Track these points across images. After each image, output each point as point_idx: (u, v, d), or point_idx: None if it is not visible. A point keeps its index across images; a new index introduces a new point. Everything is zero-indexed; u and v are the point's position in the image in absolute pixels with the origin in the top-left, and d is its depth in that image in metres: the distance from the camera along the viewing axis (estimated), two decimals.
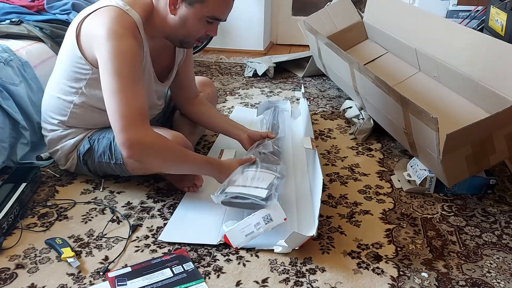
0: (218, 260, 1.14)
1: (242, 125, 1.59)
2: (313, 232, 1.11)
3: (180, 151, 1.25)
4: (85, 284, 1.05)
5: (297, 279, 1.08)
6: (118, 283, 1.04)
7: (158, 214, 1.32)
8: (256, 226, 1.16)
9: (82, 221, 1.28)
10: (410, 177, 1.47)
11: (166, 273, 1.08)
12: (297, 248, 1.16)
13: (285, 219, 1.18)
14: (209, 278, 1.08)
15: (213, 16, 1.26)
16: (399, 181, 1.51)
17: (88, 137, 1.38)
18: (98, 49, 1.19)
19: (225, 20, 1.31)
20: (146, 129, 1.17)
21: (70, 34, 1.29)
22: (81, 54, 1.26)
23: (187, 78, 1.57)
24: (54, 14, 2.08)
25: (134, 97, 1.16)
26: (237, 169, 1.32)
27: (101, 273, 1.08)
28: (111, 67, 1.16)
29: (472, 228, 1.28)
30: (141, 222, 1.28)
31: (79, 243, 1.19)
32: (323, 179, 1.22)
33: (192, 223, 1.27)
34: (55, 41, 1.89)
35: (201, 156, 1.33)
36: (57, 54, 1.82)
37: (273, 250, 1.16)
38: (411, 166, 1.50)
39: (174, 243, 1.19)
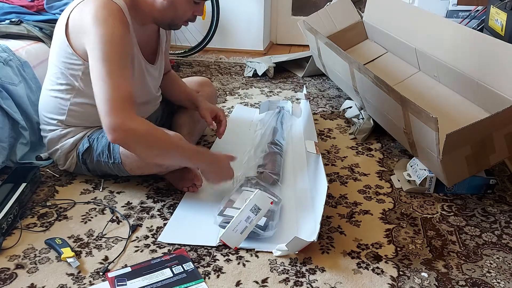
0: (218, 260, 1.14)
1: (201, 97, 1.60)
2: (313, 237, 1.11)
3: (167, 137, 1.22)
4: (84, 284, 1.05)
5: (297, 279, 1.08)
6: (118, 283, 1.04)
7: (158, 214, 1.32)
8: (248, 221, 1.17)
9: (81, 221, 1.28)
10: (410, 177, 1.47)
11: (166, 273, 1.08)
12: (296, 252, 1.16)
13: (271, 203, 1.19)
14: (209, 278, 1.08)
15: None
16: (399, 181, 1.50)
17: (88, 136, 1.38)
18: (86, 38, 1.20)
19: None
20: (132, 114, 1.16)
21: (59, 31, 1.30)
22: (72, 50, 1.27)
23: (165, 59, 1.59)
24: (54, 14, 2.08)
25: (121, 82, 1.16)
26: (235, 187, 1.34)
27: (101, 273, 1.08)
28: (98, 52, 1.16)
29: (472, 228, 1.28)
30: (141, 222, 1.28)
31: (79, 243, 1.19)
32: (328, 187, 1.21)
33: (191, 224, 1.27)
34: None
35: (190, 145, 1.30)
36: None
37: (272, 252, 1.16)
38: (411, 166, 1.49)
39: (174, 243, 1.19)
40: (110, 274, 1.07)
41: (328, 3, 2.56)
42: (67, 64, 1.30)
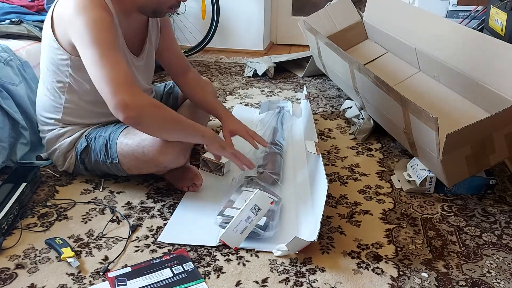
0: (218, 260, 1.14)
1: (230, 114, 1.56)
2: (314, 237, 1.11)
3: (173, 112, 1.24)
4: (85, 284, 1.05)
5: (297, 279, 1.08)
6: (118, 283, 1.04)
7: (158, 214, 1.32)
8: (248, 221, 1.17)
9: (82, 221, 1.28)
10: (410, 177, 1.47)
11: (166, 273, 1.08)
12: (297, 252, 1.16)
13: (271, 203, 1.19)
14: (209, 278, 1.08)
15: None
16: (399, 181, 1.50)
17: (86, 136, 1.38)
18: (71, 29, 1.20)
19: None
20: (138, 90, 1.16)
21: (45, 28, 1.31)
22: (58, 44, 1.27)
23: (172, 55, 1.56)
24: None
25: (117, 62, 1.16)
26: (235, 188, 1.34)
27: (101, 273, 1.08)
28: (87, 38, 1.16)
29: (472, 228, 1.28)
30: (141, 222, 1.28)
31: (79, 243, 1.19)
32: (328, 187, 1.20)
33: (191, 224, 1.27)
34: None
35: (191, 121, 1.30)
36: None
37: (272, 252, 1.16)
38: (411, 166, 1.49)
39: (174, 243, 1.19)
40: (110, 274, 1.07)
41: (328, 3, 2.56)
42: (55, 60, 1.31)
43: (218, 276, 1.09)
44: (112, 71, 1.14)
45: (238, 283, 1.07)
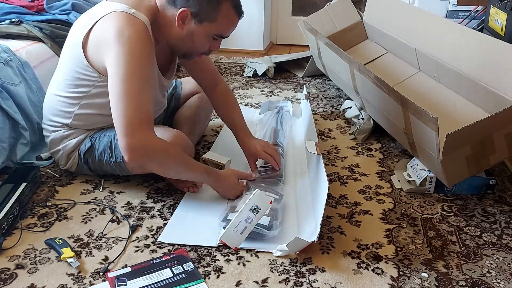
0: (218, 260, 1.14)
1: (248, 134, 1.55)
2: (314, 238, 1.11)
3: (182, 158, 1.25)
4: (85, 284, 1.05)
5: (297, 279, 1.08)
6: (118, 283, 1.04)
7: (158, 214, 1.32)
8: (248, 221, 1.16)
9: (82, 221, 1.28)
10: (410, 177, 1.47)
11: (166, 273, 1.08)
12: (297, 253, 1.16)
13: (271, 202, 1.19)
14: (209, 278, 1.08)
15: (219, 34, 1.30)
16: (399, 181, 1.50)
17: (90, 136, 1.38)
18: (107, 53, 1.18)
19: (228, 37, 1.34)
20: (150, 134, 1.17)
21: (75, 41, 1.28)
22: (88, 62, 1.25)
23: (203, 73, 1.57)
24: (54, 14, 2.08)
25: (141, 103, 1.16)
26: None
27: (101, 273, 1.08)
28: (120, 70, 1.15)
29: (472, 228, 1.28)
30: (141, 222, 1.28)
31: (79, 243, 1.19)
32: (328, 186, 1.20)
33: (191, 224, 1.27)
34: (55, 41, 1.89)
35: (201, 165, 1.34)
36: (57, 54, 1.83)
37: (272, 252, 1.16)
38: (411, 166, 1.49)
39: (174, 244, 1.19)
40: (110, 274, 1.07)
41: (328, 3, 2.56)
42: (81, 74, 1.29)
43: (218, 276, 1.09)
44: (133, 112, 1.14)
45: (238, 283, 1.07)
